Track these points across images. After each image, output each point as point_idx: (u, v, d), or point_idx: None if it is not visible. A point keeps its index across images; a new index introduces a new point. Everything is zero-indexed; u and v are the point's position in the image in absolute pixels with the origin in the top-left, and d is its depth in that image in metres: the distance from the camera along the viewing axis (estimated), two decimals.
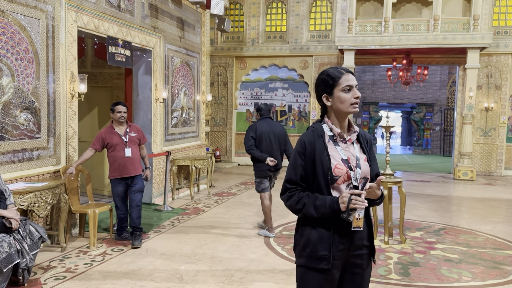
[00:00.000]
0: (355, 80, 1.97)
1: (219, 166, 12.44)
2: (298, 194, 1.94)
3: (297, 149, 1.98)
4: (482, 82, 11.62)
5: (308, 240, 1.94)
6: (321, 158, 1.91)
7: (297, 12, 12.66)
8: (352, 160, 1.95)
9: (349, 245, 1.94)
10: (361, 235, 1.97)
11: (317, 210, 1.87)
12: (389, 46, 11.01)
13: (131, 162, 5.03)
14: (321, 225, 1.92)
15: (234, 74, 13.29)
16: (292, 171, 1.97)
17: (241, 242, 5.15)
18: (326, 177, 1.90)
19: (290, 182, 1.97)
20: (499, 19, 11.52)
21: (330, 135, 1.98)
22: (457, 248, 5.12)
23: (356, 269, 1.98)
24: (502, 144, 11.66)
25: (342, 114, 1.97)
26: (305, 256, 1.95)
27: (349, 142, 2.00)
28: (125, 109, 5.08)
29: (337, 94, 1.94)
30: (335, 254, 1.91)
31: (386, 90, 20.08)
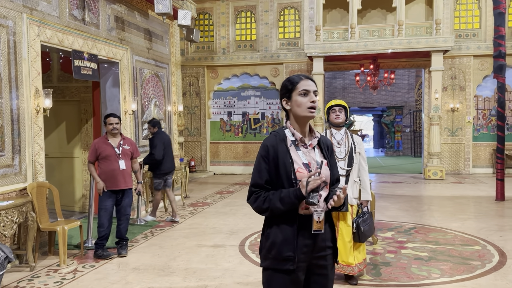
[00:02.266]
0: (314, 86, 2.02)
1: (194, 176, 12.37)
2: (263, 194, 1.98)
3: (261, 153, 2.01)
4: (447, 84, 12.01)
5: (273, 242, 1.97)
6: (284, 161, 1.95)
7: (266, 21, 12.81)
8: (313, 165, 1.99)
9: (313, 247, 1.98)
10: (324, 237, 2.02)
11: (283, 202, 1.90)
12: (356, 52, 11.26)
13: (123, 175, 5.00)
14: (285, 227, 1.96)
15: (206, 84, 13.31)
16: (257, 175, 2.01)
17: (215, 252, 5.14)
18: (289, 180, 1.94)
19: (255, 186, 2.01)
20: (460, 23, 11.97)
21: (292, 140, 2.03)
22: (427, 246, 5.25)
23: (320, 270, 2.03)
24: (469, 143, 12.04)
25: (300, 119, 2.02)
26: (271, 258, 1.98)
27: (310, 147, 2.04)
28: (117, 121, 5.07)
29: (294, 98, 2.00)
30: (300, 256, 1.95)
31: (357, 94, 20.48)
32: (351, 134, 4.07)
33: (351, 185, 3.92)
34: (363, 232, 3.82)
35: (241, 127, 13.29)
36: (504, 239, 5.50)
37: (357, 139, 4.04)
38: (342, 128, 4.04)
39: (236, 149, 13.28)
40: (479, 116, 12.11)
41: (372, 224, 4.06)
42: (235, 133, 13.33)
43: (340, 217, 3.92)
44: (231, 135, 13.36)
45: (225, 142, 13.35)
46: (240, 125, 13.31)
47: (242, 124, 13.29)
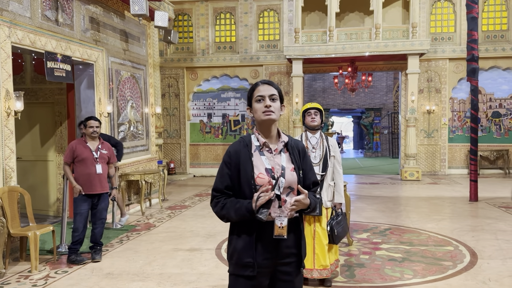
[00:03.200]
0: (270, 90, 2.03)
1: (174, 178, 12.28)
2: (223, 200, 2.02)
3: (224, 159, 2.06)
4: (423, 86, 12.23)
5: (234, 248, 2.01)
6: (245, 167, 1.98)
7: (246, 22, 12.82)
8: (276, 170, 2.00)
9: (276, 253, 1.99)
10: (288, 243, 2.01)
11: (236, 213, 1.95)
12: (334, 54, 11.36)
13: (99, 179, 4.95)
14: (245, 233, 1.98)
15: (186, 85, 13.22)
16: (218, 179, 2.05)
17: (192, 256, 5.10)
18: (250, 186, 1.96)
19: (216, 190, 2.06)
20: (435, 26, 12.21)
21: (256, 145, 2.04)
22: (401, 247, 5.33)
23: (285, 277, 2.03)
24: (444, 145, 12.29)
25: (261, 124, 2.04)
26: (233, 264, 2.02)
27: (275, 151, 2.05)
28: (98, 124, 5.02)
29: (253, 105, 2.05)
30: (261, 262, 1.97)
31: (337, 96, 20.66)
32: (327, 137, 4.09)
33: (326, 188, 3.95)
34: (336, 234, 3.86)
35: (221, 128, 13.26)
36: (476, 239, 5.63)
37: (332, 143, 4.06)
38: (317, 132, 4.06)
39: (216, 151, 13.24)
40: (454, 118, 12.37)
41: (346, 225, 4.10)
42: (215, 135, 13.29)
43: (316, 220, 3.95)
44: (211, 137, 13.31)
45: (205, 144, 13.29)
46: (220, 126, 13.27)
47: (222, 125, 13.26)
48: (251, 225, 1.96)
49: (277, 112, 2.02)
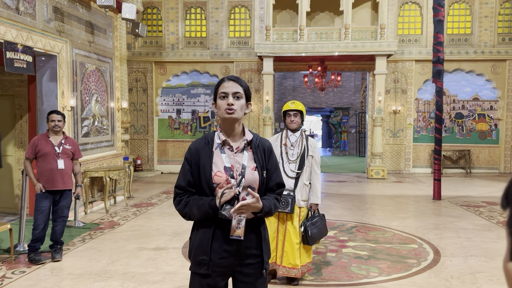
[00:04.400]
0: (235, 88, 1.98)
1: (141, 175, 12.02)
2: (186, 198, 1.99)
3: (185, 156, 2.04)
4: (390, 87, 12.49)
5: (193, 245, 2.00)
6: (204, 165, 1.96)
7: (217, 18, 12.69)
8: (236, 168, 1.96)
9: (234, 253, 1.95)
10: (249, 245, 1.97)
11: (199, 210, 1.92)
12: (304, 53, 11.42)
13: (61, 175, 4.75)
14: (203, 231, 1.96)
15: (154, 80, 12.96)
16: (181, 176, 2.02)
17: (157, 255, 4.98)
18: (208, 184, 1.94)
19: (179, 188, 2.02)
20: (403, 28, 12.48)
21: (218, 143, 2.01)
22: (367, 245, 5.40)
23: (245, 279, 2.00)
24: (409, 144, 12.60)
25: (223, 121, 2.01)
26: (192, 261, 2.01)
27: (236, 150, 2.00)
28: (60, 118, 4.82)
29: (217, 101, 2.01)
30: (218, 261, 1.93)
31: (306, 95, 20.83)
32: (307, 137, 4.06)
33: (301, 188, 3.93)
34: (310, 235, 3.83)
35: (190, 125, 13.08)
36: (439, 237, 5.77)
37: (312, 143, 4.03)
38: (298, 130, 4.03)
39: (185, 147, 13.04)
40: (419, 118, 12.70)
41: (323, 227, 4.06)
42: (184, 131, 13.10)
43: (288, 218, 3.93)
44: (180, 133, 13.11)
45: (174, 140, 13.08)
46: (189, 123, 13.09)
47: (192, 122, 13.09)
48: (210, 223, 1.93)
49: (240, 110, 1.97)
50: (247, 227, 1.94)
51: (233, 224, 1.91)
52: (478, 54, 12.25)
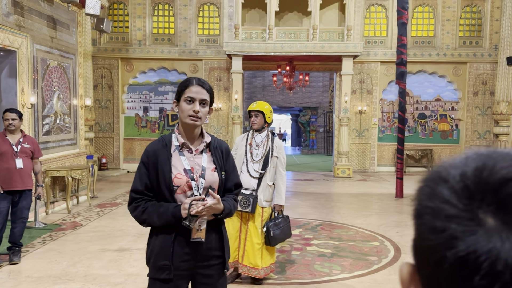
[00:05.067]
0: (203, 95, 1.97)
1: (106, 174, 11.76)
2: (143, 204, 1.94)
3: (142, 159, 2.00)
4: (356, 87, 12.74)
5: (152, 251, 1.97)
6: (163, 167, 1.93)
7: (185, 15, 12.56)
8: (196, 170, 1.96)
9: (195, 255, 1.95)
10: (210, 246, 1.98)
11: (160, 217, 1.89)
12: (273, 53, 11.48)
13: (20, 175, 4.59)
14: (163, 236, 1.94)
15: (120, 77, 12.70)
16: (137, 180, 1.97)
17: (120, 256, 4.90)
18: (168, 187, 1.92)
19: (135, 192, 1.97)
20: (369, 30, 12.75)
21: (176, 145, 2.00)
22: (331, 242, 5.50)
23: (206, 280, 2.00)
24: (374, 143, 12.90)
25: (184, 124, 1.99)
26: (151, 267, 1.98)
27: (196, 152, 2.01)
28: (14, 116, 4.65)
29: (181, 103, 1.98)
30: (179, 264, 1.92)
31: (276, 94, 20.95)
32: (274, 138, 4.07)
33: (264, 188, 3.93)
34: (272, 235, 3.85)
35: (158, 123, 12.90)
36: (400, 234, 5.95)
37: (277, 144, 4.03)
38: (264, 131, 4.03)
39: None
40: (384, 118, 13.02)
41: (287, 228, 4.06)
42: (152, 130, 12.91)
43: (250, 218, 3.94)
44: (147, 132, 12.91)
45: (141, 138, 12.87)
46: (157, 121, 12.91)
47: (159, 120, 12.91)
48: (170, 227, 1.92)
49: (204, 118, 1.99)
50: (207, 228, 1.95)
51: (195, 227, 1.91)
52: (440, 56, 12.67)
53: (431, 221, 0.42)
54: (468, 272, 0.36)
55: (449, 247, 0.38)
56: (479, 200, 0.39)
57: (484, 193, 0.39)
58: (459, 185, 0.41)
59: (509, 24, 11.86)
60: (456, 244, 0.38)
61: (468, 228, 0.38)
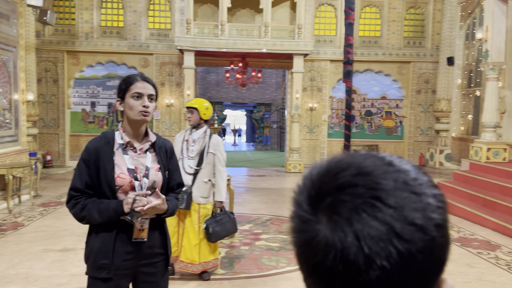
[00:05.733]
0: (150, 90, 1.97)
1: (51, 172, 11.29)
2: (83, 201, 1.91)
3: (83, 156, 1.94)
4: (307, 85, 13.02)
5: (91, 250, 1.94)
6: (105, 166, 1.90)
7: (135, 8, 12.27)
8: (140, 170, 1.96)
9: (137, 254, 1.95)
10: (153, 244, 1.99)
11: (100, 214, 1.86)
12: (225, 49, 11.48)
13: None
14: (103, 234, 1.91)
15: (66, 70, 12.21)
16: (77, 178, 1.93)
17: (64, 257, 4.76)
18: (110, 186, 1.90)
19: (75, 190, 1.93)
20: (319, 29, 13.05)
21: (120, 143, 1.97)
22: (279, 236, 5.63)
23: (148, 278, 2.01)
24: (324, 140, 13.26)
25: (132, 122, 1.97)
26: (90, 266, 1.95)
27: (140, 151, 2.00)
28: None
29: (127, 100, 1.95)
30: (120, 264, 1.91)
31: (230, 90, 20.97)
32: (211, 135, 4.08)
33: (199, 184, 3.94)
34: (212, 232, 3.88)
35: (106, 119, 12.54)
36: None
37: (214, 141, 4.02)
38: (202, 128, 4.03)
39: None
40: (333, 115, 13.40)
41: (231, 224, 4.10)
42: (99, 125, 12.52)
43: (186, 214, 3.94)
44: (94, 127, 12.50)
45: (88, 134, 12.43)
46: (105, 116, 12.54)
47: (108, 115, 12.55)
48: (111, 225, 1.89)
49: (152, 113, 1.98)
50: (150, 226, 1.95)
51: (136, 226, 1.90)
52: (386, 55, 13.20)
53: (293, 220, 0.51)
54: (312, 252, 0.47)
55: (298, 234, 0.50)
56: (319, 202, 0.48)
57: (323, 196, 0.48)
58: (308, 188, 0.50)
59: (449, 26, 12.58)
60: (301, 235, 0.49)
61: (310, 227, 0.47)
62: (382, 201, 0.45)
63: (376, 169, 0.48)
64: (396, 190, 0.46)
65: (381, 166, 0.49)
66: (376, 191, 0.46)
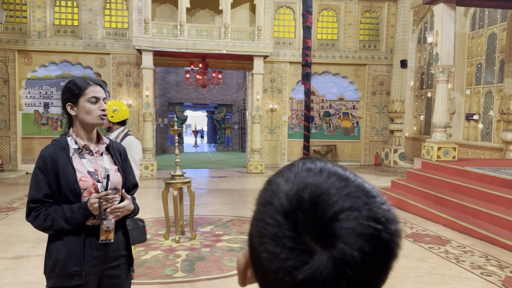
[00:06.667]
0: (103, 93, 2.00)
1: (2, 176, 10.77)
2: (44, 211, 1.86)
3: (38, 165, 1.90)
4: (267, 86, 13.14)
5: (57, 259, 1.88)
6: (65, 171, 1.88)
7: (90, 7, 11.93)
8: (100, 172, 1.96)
9: (104, 258, 1.95)
10: (117, 246, 1.99)
11: (68, 222, 1.84)
12: (185, 49, 11.39)
13: None
14: (70, 240, 1.88)
15: (17, 70, 11.68)
16: (35, 189, 1.88)
17: (17, 264, 4.57)
18: (73, 191, 1.88)
19: (34, 201, 1.88)
20: (278, 31, 13.21)
21: (75, 148, 1.96)
22: (240, 237, 5.67)
23: (113, 281, 2.01)
24: (284, 140, 13.44)
25: (87, 126, 1.97)
26: (55, 276, 1.89)
27: (96, 154, 2.00)
28: None
29: (82, 104, 1.95)
30: (89, 269, 1.89)
31: (190, 91, 20.77)
32: (125, 137, 3.80)
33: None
34: None
35: (60, 120, 12.09)
36: None
37: (126, 142, 3.55)
38: (115, 130, 3.78)
39: None
40: (293, 116, 13.60)
41: (136, 232, 3.66)
42: (53, 127, 12.06)
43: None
44: (48, 129, 12.04)
45: (41, 137, 11.96)
46: (59, 118, 12.09)
47: (62, 117, 12.11)
48: (76, 230, 1.87)
49: None
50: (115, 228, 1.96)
51: (103, 228, 1.90)
52: (343, 58, 13.56)
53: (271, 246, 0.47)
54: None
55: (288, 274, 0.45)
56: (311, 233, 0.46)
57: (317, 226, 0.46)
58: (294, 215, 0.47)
59: (402, 29, 13.10)
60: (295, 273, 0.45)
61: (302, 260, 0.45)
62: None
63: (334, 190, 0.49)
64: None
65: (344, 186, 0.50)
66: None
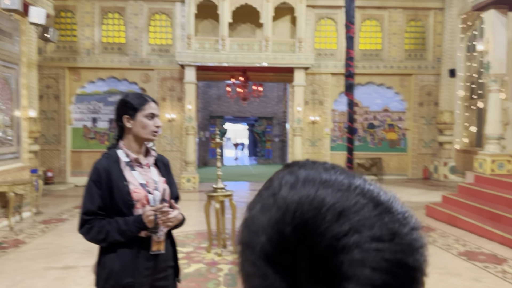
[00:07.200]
0: (158, 111, 2.06)
1: (52, 188, 11.24)
2: (98, 224, 1.89)
3: (92, 178, 1.93)
4: (308, 98, 13.01)
5: (111, 271, 1.89)
6: (118, 184, 1.91)
7: (136, 24, 12.36)
8: (150, 184, 1.99)
9: (154, 269, 1.95)
10: (166, 257, 2.01)
11: (123, 234, 1.86)
12: (226, 63, 11.51)
13: None
14: (123, 253, 1.90)
15: (67, 87, 12.25)
16: (88, 201, 1.91)
17: (65, 274, 4.69)
18: (126, 203, 1.90)
19: (87, 214, 1.90)
20: (320, 43, 13.10)
21: (126, 161, 1.99)
22: None
23: None
24: (327, 153, 13.20)
25: (140, 139, 2.01)
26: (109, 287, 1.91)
27: (146, 166, 2.04)
28: None
29: (140, 119, 1.98)
30: (140, 280, 1.90)
31: (231, 104, 20.99)
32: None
33: None
34: None
35: (107, 134, 12.52)
36: None
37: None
38: None
39: None
40: (335, 128, 13.36)
41: None
42: (101, 141, 12.50)
43: None
44: (95, 143, 12.48)
45: (89, 150, 12.41)
46: (106, 132, 12.52)
47: (109, 131, 12.53)
48: (129, 242, 1.89)
49: None
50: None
51: (154, 239, 1.92)
52: (387, 68, 13.22)
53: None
54: None
55: None
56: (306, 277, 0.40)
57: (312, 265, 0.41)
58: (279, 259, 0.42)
59: (450, 38, 12.62)
60: None
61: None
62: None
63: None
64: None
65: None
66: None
